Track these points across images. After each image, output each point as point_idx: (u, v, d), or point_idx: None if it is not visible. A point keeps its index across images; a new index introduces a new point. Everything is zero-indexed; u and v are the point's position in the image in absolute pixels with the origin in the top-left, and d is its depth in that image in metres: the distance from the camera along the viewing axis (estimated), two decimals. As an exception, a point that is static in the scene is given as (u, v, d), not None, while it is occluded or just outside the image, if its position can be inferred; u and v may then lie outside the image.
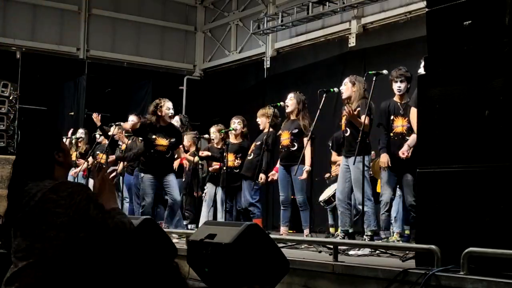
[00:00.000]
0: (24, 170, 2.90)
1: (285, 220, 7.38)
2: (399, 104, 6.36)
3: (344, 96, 6.66)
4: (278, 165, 7.47)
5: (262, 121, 7.90)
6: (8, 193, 2.89)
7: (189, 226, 8.92)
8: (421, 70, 5.58)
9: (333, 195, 7.76)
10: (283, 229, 7.37)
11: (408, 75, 6.32)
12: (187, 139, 9.21)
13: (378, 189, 6.96)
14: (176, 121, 9.45)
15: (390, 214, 6.45)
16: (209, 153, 8.58)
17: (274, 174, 7.53)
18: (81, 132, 11.05)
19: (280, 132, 7.45)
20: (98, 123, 9.38)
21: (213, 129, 8.94)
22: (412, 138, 6.00)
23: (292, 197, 7.43)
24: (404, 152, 6.03)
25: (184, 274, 4.28)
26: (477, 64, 3.90)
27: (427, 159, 4.12)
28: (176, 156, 8.45)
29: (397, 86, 6.36)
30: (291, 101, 7.32)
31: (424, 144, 4.20)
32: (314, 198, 8.11)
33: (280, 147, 7.36)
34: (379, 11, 10.98)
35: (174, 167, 8.31)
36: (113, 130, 9.11)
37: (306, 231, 7.21)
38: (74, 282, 2.73)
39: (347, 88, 6.64)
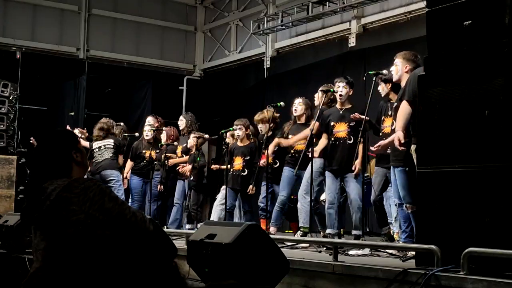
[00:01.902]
0: (42, 169, 2.91)
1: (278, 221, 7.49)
2: (388, 104, 6.29)
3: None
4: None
5: (265, 127, 7.84)
6: (27, 191, 2.91)
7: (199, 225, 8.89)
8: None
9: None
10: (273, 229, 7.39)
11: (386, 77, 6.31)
12: (192, 139, 9.15)
13: None
14: (180, 120, 9.47)
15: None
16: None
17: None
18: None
19: (290, 136, 7.41)
20: (85, 135, 9.89)
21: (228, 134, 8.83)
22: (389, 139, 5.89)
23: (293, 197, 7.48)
24: (375, 146, 5.86)
25: (184, 274, 4.27)
26: (477, 64, 3.90)
27: (427, 159, 4.12)
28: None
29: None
30: (300, 106, 7.31)
31: (424, 144, 4.20)
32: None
33: (293, 151, 7.36)
34: (379, 11, 10.98)
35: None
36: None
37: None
38: (92, 280, 2.74)
39: (317, 97, 7.21)
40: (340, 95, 6.66)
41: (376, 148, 5.69)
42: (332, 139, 6.65)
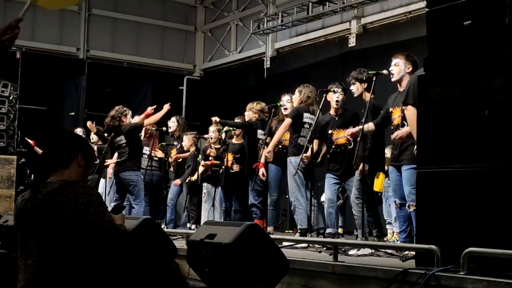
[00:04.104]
0: (46, 157, 2.93)
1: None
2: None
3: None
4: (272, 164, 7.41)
5: (248, 114, 7.90)
6: (31, 186, 2.91)
7: (193, 227, 8.92)
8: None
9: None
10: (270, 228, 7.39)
11: (360, 77, 6.33)
12: (187, 139, 9.21)
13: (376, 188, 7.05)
14: (172, 121, 9.49)
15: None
16: (215, 153, 8.59)
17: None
18: (79, 131, 11.03)
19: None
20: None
21: (212, 128, 8.91)
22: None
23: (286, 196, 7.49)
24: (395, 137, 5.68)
25: (184, 274, 4.27)
26: (477, 64, 3.90)
27: (427, 159, 4.11)
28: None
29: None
30: (289, 104, 7.32)
31: (424, 144, 4.20)
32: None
33: (281, 147, 7.32)
34: (379, 11, 10.99)
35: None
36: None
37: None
38: (83, 283, 2.74)
39: (295, 97, 7.10)
40: (337, 101, 6.65)
41: (396, 137, 5.49)
42: (333, 147, 6.64)
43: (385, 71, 6.03)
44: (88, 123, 10.03)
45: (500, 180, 3.68)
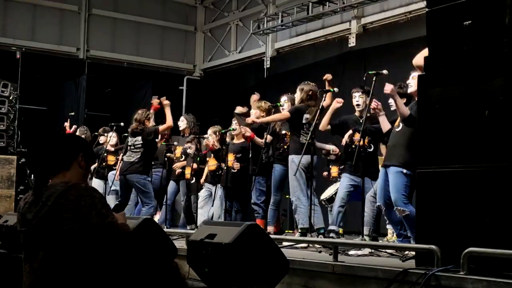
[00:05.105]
0: (46, 158, 2.92)
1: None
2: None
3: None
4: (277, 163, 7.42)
5: (255, 113, 7.87)
6: (33, 190, 2.89)
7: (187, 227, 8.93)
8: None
9: (336, 194, 7.87)
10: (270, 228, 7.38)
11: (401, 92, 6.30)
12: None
13: None
14: (181, 120, 9.45)
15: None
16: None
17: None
18: (81, 131, 11.00)
19: (284, 132, 7.41)
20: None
21: (209, 131, 8.87)
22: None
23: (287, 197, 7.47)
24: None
25: (184, 274, 4.28)
26: (477, 64, 3.90)
27: (427, 159, 4.12)
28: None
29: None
30: (286, 104, 7.33)
31: (424, 144, 4.20)
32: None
33: (286, 147, 7.29)
34: (379, 11, 10.99)
35: None
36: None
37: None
38: (88, 285, 2.74)
39: (296, 96, 7.12)
40: (358, 105, 6.66)
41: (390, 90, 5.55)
42: (353, 146, 6.60)
43: (385, 71, 6.01)
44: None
45: (500, 180, 3.68)
